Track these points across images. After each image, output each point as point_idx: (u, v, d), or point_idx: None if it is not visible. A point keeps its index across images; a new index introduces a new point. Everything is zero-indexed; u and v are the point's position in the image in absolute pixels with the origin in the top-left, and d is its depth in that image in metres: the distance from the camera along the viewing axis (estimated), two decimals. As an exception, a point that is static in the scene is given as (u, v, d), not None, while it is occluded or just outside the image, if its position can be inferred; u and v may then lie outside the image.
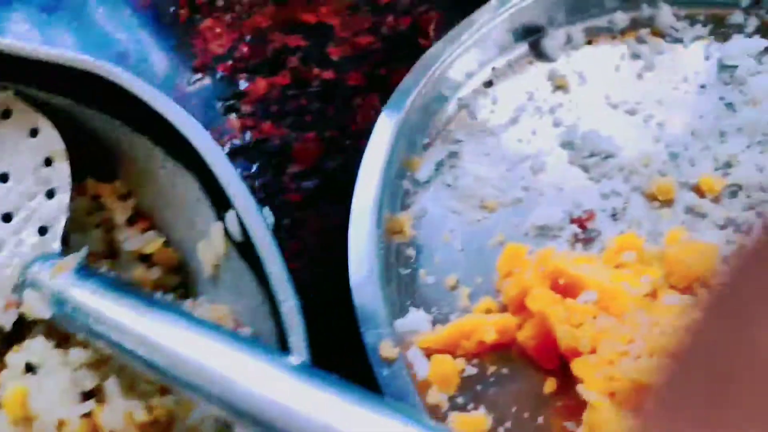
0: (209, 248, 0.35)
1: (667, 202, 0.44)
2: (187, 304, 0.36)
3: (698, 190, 0.44)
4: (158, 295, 0.36)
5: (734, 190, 0.44)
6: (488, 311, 0.41)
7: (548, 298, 0.38)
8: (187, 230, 0.36)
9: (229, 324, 0.34)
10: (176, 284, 0.38)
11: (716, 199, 0.44)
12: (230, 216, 0.33)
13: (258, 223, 0.30)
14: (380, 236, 0.42)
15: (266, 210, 0.43)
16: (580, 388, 0.35)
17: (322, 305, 0.43)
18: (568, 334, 0.36)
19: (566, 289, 0.39)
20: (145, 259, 0.38)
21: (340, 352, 0.37)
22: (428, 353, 0.40)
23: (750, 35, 0.51)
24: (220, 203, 0.34)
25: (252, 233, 0.30)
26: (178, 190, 0.35)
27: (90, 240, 0.37)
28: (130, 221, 0.39)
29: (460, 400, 0.39)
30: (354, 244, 0.40)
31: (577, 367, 0.36)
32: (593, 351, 0.36)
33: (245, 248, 0.33)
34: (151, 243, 0.37)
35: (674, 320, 0.36)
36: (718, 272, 0.17)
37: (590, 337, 0.36)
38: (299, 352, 0.29)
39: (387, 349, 0.37)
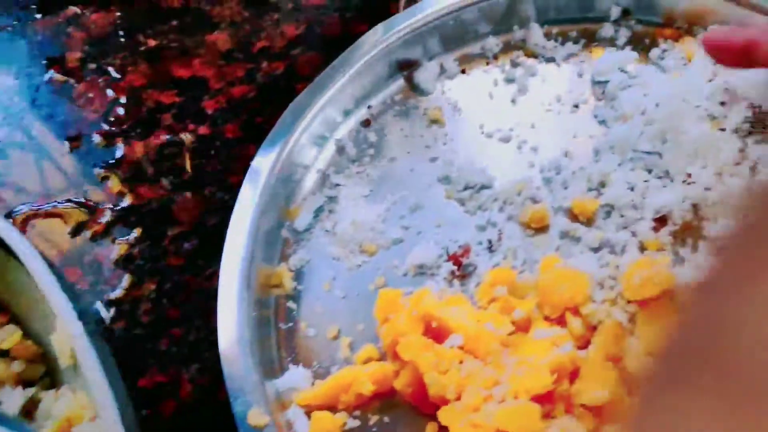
0: (60, 341, 0.34)
1: (542, 229, 0.45)
2: (51, 395, 0.36)
3: (572, 214, 0.45)
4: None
5: (608, 210, 0.45)
6: (369, 360, 0.41)
7: (419, 344, 0.38)
8: (42, 321, 0.36)
9: (89, 414, 0.34)
10: (41, 374, 0.38)
11: (589, 221, 0.45)
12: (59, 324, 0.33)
13: (77, 331, 0.30)
14: (254, 294, 0.42)
15: (99, 305, 0.43)
16: (446, 438, 0.36)
17: (210, 370, 0.43)
18: (435, 382, 0.37)
19: (438, 333, 0.40)
20: (5, 354, 0.38)
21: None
22: (309, 410, 0.40)
23: (621, 47, 0.52)
24: None
25: (73, 342, 0.30)
26: (23, 282, 0.35)
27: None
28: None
29: (342, 456, 0.39)
30: (222, 309, 0.40)
31: (443, 415, 0.36)
32: (459, 397, 0.36)
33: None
34: (8, 338, 0.37)
35: (542, 355, 0.36)
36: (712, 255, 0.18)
37: (456, 383, 0.36)
38: None
39: (255, 416, 0.37)
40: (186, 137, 0.51)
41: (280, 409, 0.40)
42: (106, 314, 0.44)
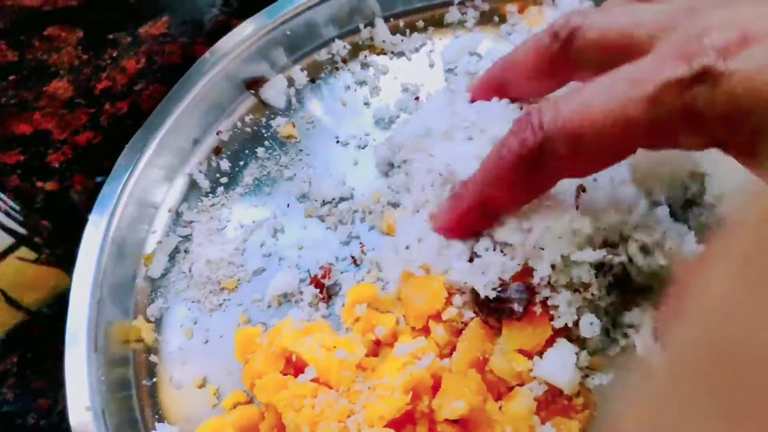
0: None
1: (404, 235, 0.44)
2: None
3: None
4: None
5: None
6: (237, 404, 0.40)
7: (274, 383, 0.37)
8: None
9: None
10: None
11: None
12: None
13: None
14: (107, 356, 0.41)
15: None
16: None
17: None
18: (291, 423, 0.35)
19: (298, 367, 0.39)
20: None
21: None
22: (178, 472, 0.39)
23: (471, 29, 0.51)
24: None
25: None
26: None
27: None
28: None
29: None
30: (70, 383, 0.39)
31: (300, 458, 0.35)
32: (314, 433, 0.35)
33: None
34: None
35: (396, 375, 0.35)
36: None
37: (309, 420, 0.35)
38: None
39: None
40: (35, 196, 0.50)
41: (147, 476, 0.38)
42: None
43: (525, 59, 0.36)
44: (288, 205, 0.47)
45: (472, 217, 0.35)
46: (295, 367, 0.39)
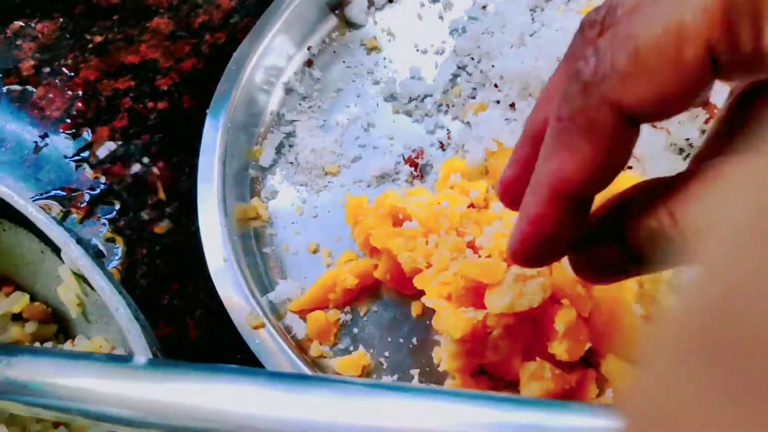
0: (67, 290, 0.40)
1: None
2: (68, 345, 0.42)
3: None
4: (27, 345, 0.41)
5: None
6: (349, 261, 0.47)
7: (387, 232, 0.44)
8: (47, 281, 0.42)
9: (107, 349, 0.40)
10: (55, 332, 0.44)
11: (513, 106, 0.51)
12: (65, 255, 0.38)
13: (77, 252, 0.36)
14: (232, 226, 0.48)
15: (93, 242, 0.49)
16: (423, 299, 0.41)
17: (214, 313, 0.49)
18: (408, 259, 0.42)
19: (404, 222, 0.46)
20: (19, 318, 0.43)
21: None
22: (303, 315, 0.46)
23: (531, -50, 0.59)
24: (57, 248, 0.39)
25: (76, 262, 0.36)
26: (24, 247, 0.41)
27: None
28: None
29: (340, 346, 0.45)
30: (206, 239, 0.46)
31: (417, 281, 0.42)
32: (430, 265, 0.42)
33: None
34: (18, 302, 0.42)
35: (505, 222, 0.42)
36: None
37: (424, 254, 0.42)
38: (140, 351, 0.34)
39: (252, 319, 0.43)
40: (147, 115, 0.57)
41: (278, 318, 0.45)
42: (103, 248, 0.50)
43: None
44: (377, 105, 0.54)
45: (552, 216, 0.25)
46: (401, 223, 0.46)
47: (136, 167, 0.56)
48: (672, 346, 0.14)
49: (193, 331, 0.49)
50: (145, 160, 0.56)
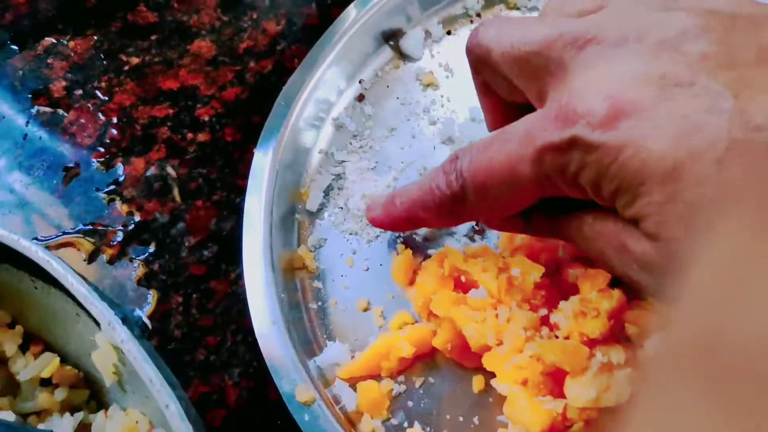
0: (103, 358, 0.37)
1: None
2: (101, 416, 0.39)
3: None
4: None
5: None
6: (404, 325, 0.44)
7: (451, 299, 0.41)
8: (80, 343, 0.38)
9: (144, 427, 0.37)
10: (86, 398, 0.40)
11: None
12: (106, 330, 0.35)
13: (123, 335, 0.32)
14: (279, 278, 0.45)
15: (137, 314, 0.46)
16: (493, 383, 0.38)
17: (255, 372, 0.46)
18: (475, 333, 0.39)
19: (467, 287, 0.42)
20: (48, 382, 0.40)
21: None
22: (353, 382, 0.42)
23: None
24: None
25: (122, 347, 0.32)
26: (57, 307, 0.38)
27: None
28: (24, 347, 0.41)
29: (393, 421, 0.42)
30: (251, 295, 0.43)
31: (487, 361, 0.38)
32: (501, 342, 0.39)
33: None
34: (48, 366, 0.39)
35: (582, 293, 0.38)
36: None
37: (494, 329, 0.39)
38: None
39: (303, 393, 0.40)
40: (186, 147, 0.54)
41: (325, 385, 0.42)
42: (147, 321, 0.47)
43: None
44: (434, 148, 0.51)
45: (401, 224, 0.41)
46: (463, 287, 0.42)
47: (172, 205, 0.52)
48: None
49: (230, 390, 0.46)
50: (183, 196, 0.53)
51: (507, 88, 0.36)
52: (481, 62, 0.36)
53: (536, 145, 0.30)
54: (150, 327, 0.47)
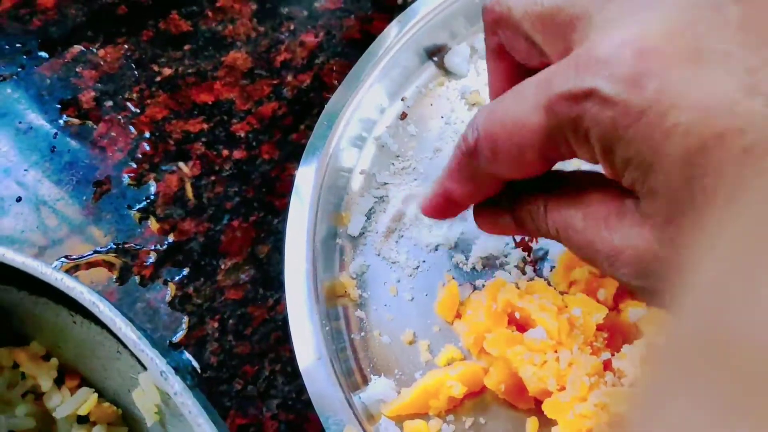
0: (144, 396, 0.35)
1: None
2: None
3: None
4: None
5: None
6: (452, 361, 0.42)
7: (506, 338, 0.39)
8: (119, 379, 0.37)
9: None
10: (125, 436, 0.39)
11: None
12: (152, 374, 0.33)
13: (176, 386, 0.31)
14: (323, 308, 0.43)
15: (186, 357, 0.44)
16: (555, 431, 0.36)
17: (293, 405, 0.44)
18: (533, 377, 0.37)
19: (523, 324, 0.40)
20: (85, 420, 0.38)
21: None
22: (400, 420, 0.41)
23: None
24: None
25: (174, 399, 0.31)
26: (96, 342, 0.36)
27: (17, 417, 0.37)
28: (59, 381, 0.39)
29: (443, 463, 0.40)
30: (295, 329, 0.42)
31: (548, 408, 0.37)
32: (563, 388, 0.37)
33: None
34: (86, 402, 0.37)
35: (645, 335, 0.37)
36: None
37: (555, 374, 0.37)
38: None
39: (351, 434, 0.38)
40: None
41: (370, 422, 0.41)
42: (197, 364, 0.46)
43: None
44: (481, 171, 0.49)
45: (442, 205, 0.36)
46: (517, 324, 0.41)
47: (206, 224, 0.51)
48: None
49: (268, 423, 0.44)
50: (218, 216, 0.51)
51: (525, 49, 0.32)
52: (500, 21, 0.33)
53: (551, 93, 0.27)
54: (200, 371, 0.45)
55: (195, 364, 0.45)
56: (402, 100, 0.52)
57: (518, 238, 0.45)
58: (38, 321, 0.37)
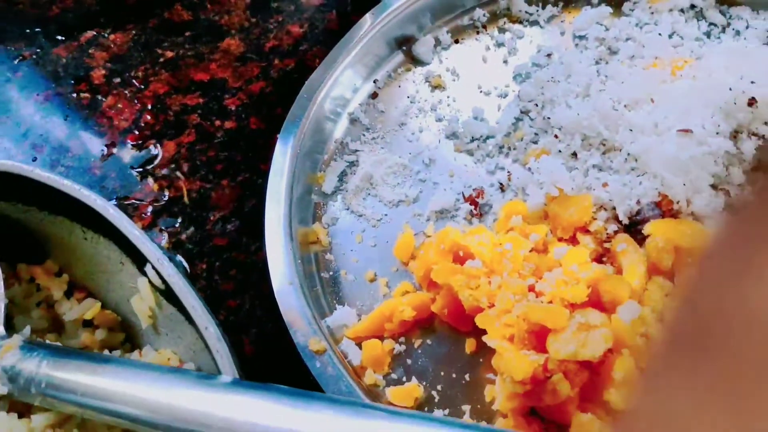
0: (141, 302, 0.42)
1: (544, 166, 0.53)
2: (135, 355, 0.44)
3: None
4: (100, 352, 0.43)
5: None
6: (406, 293, 0.49)
7: (449, 269, 0.46)
8: (120, 290, 0.44)
9: (175, 363, 0.42)
10: (122, 340, 0.45)
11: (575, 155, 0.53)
12: (149, 269, 0.40)
13: (170, 270, 0.38)
14: (296, 248, 0.50)
15: (178, 258, 0.51)
16: (485, 338, 0.43)
17: (269, 333, 0.51)
18: (469, 297, 0.44)
19: (465, 260, 0.47)
20: (89, 324, 0.45)
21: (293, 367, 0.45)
22: (359, 341, 0.47)
23: (596, 5, 0.61)
24: (139, 260, 0.41)
25: (168, 279, 0.37)
26: (103, 257, 0.43)
27: (33, 319, 0.44)
28: (68, 294, 0.45)
29: (393, 376, 0.47)
30: (272, 259, 0.48)
31: (480, 320, 0.44)
32: (492, 305, 0.44)
33: (169, 294, 0.40)
34: (90, 309, 0.44)
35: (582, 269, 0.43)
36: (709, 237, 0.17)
37: (487, 294, 0.44)
38: (227, 370, 0.36)
39: (315, 343, 0.45)
40: (214, 133, 0.60)
41: (334, 342, 0.47)
42: (187, 266, 0.52)
43: None
44: (439, 141, 0.56)
45: None
46: (461, 260, 0.48)
47: (199, 183, 0.58)
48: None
49: (247, 347, 0.51)
50: (210, 176, 0.58)
51: None
52: None
53: None
54: (189, 271, 0.52)
55: (186, 265, 0.52)
56: (374, 82, 0.59)
57: (467, 193, 0.52)
58: (54, 240, 0.44)
